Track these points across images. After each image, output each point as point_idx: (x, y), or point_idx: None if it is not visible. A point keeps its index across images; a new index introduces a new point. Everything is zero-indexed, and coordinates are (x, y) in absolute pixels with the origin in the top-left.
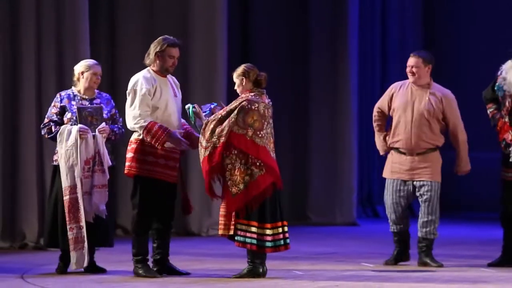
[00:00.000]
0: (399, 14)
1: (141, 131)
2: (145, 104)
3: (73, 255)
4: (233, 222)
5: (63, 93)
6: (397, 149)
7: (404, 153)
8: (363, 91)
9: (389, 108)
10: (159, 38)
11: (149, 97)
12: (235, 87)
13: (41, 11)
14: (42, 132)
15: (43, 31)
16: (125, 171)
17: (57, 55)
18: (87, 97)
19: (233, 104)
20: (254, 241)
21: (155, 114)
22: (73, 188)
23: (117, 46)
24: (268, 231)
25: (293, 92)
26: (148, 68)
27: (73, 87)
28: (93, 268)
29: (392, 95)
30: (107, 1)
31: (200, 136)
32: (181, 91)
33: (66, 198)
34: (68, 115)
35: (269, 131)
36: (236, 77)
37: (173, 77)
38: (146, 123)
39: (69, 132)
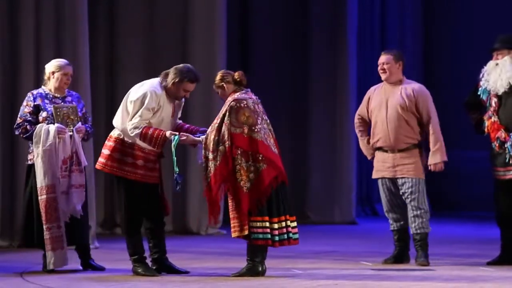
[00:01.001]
0: (399, 14)
1: (138, 138)
2: (144, 118)
3: (50, 255)
4: (246, 222)
5: (34, 92)
6: (379, 149)
7: (386, 151)
8: (362, 91)
9: (368, 112)
10: (183, 66)
11: (151, 113)
12: (220, 97)
13: (40, 11)
14: (17, 132)
15: (42, 32)
16: (98, 166)
17: (56, 55)
18: (59, 96)
19: (223, 108)
20: (269, 236)
21: None
22: (51, 187)
23: (116, 46)
24: (276, 225)
25: (293, 91)
26: (160, 82)
27: (43, 86)
28: (91, 266)
29: (369, 98)
30: (107, 1)
31: (203, 150)
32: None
33: (42, 197)
34: (43, 114)
35: (266, 127)
36: (216, 87)
37: None
38: (140, 130)
39: (47, 132)
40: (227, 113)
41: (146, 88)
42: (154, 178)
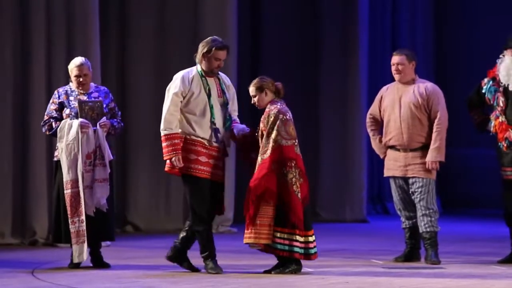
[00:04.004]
0: (410, 13)
1: (163, 138)
2: (174, 105)
3: (75, 249)
4: (271, 232)
5: (60, 89)
6: (392, 147)
7: (398, 150)
8: (373, 90)
9: (380, 111)
10: (208, 38)
11: (180, 98)
12: (255, 101)
13: (51, 8)
14: (43, 130)
15: (53, 28)
16: (166, 169)
17: (67, 52)
18: (84, 92)
19: (268, 119)
20: (300, 250)
21: (193, 118)
22: (74, 182)
23: (127, 42)
24: (310, 238)
25: (304, 91)
26: (197, 65)
27: (70, 83)
28: (99, 263)
29: (381, 98)
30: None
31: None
32: None
33: (67, 192)
34: (67, 111)
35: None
36: (254, 91)
37: (223, 76)
38: (168, 132)
39: (70, 126)
40: (275, 126)
41: (177, 75)
42: (217, 176)
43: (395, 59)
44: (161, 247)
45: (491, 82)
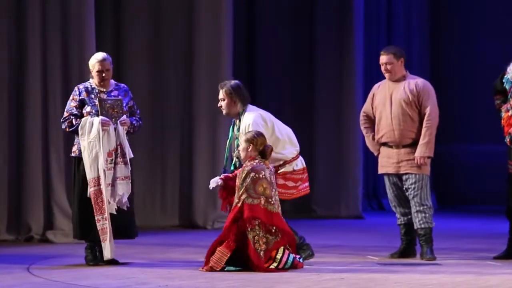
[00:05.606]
0: (405, 9)
1: None
2: None
3: (104, 246)
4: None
5: (81, 86)
6: (385, 144)
7: (391, 147)
8: (368, 86)
9: (373, 109)
10: None
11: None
12: (240, 149)
13: (47, 5)
14: (63, 126)
15: (49, 26)
16: None
17: (62, 49)
18: (104, 90)
19: (242, 174)
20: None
21: None
22: (97, 179)
23: (123, 40)
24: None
25: (299, 85)
26: None
27: (90, 79)
28: (107, 260)
29: (373, 95)
30: None
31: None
32: (185, 94)
33: (91, 190)
34: (87, 108)
35: (277, 198)
36: (244, 140)
37: (244, 118)
38: None
39: (91, 124)
40: (244, 183)
41: None
42: None
43: (383, 58)
44: (156, 243)
45: None
